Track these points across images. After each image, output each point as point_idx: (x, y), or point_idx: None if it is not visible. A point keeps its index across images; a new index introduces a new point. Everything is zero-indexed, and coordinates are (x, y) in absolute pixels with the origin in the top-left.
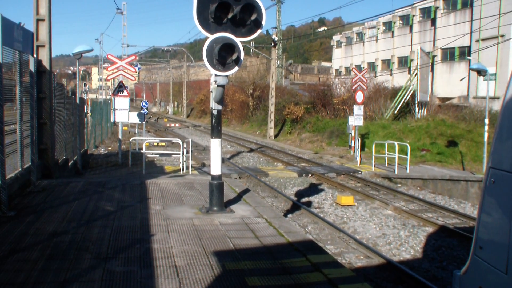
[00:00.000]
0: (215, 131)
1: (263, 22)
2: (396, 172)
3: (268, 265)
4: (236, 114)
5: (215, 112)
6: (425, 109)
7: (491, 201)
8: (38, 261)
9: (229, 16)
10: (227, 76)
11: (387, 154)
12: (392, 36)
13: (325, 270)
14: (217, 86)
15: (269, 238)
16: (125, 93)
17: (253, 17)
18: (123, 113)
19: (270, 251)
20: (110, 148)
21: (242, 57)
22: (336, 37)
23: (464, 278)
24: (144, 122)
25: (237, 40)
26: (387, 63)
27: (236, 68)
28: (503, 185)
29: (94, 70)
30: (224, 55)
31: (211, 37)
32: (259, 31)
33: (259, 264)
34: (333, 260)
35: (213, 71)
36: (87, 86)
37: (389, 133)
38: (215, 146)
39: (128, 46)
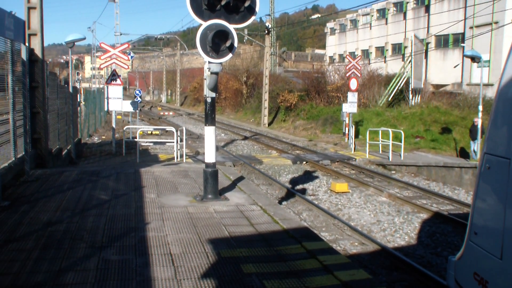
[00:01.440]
0: (209, 118)
1: (257, 9)
2: (390, 159)
3: (263, 253)
4: (230, 102)
5: (209, 100)
6: (419, 96)
7: (486, 187)
8: (33, 251)
9: (223, 2)
10: (221, 63)
11: (381, 141)
12: (386, 23)
13: (320, 257)
14: (211, 73)
15: (264, 225)
16: (118, 81)
17: (247, 3)
18: (117, 101)
19: (265, 238)
20: (103, 137)
21: (236, 44)
22: (329, 24)
23: (459, 264)
24: (137, 111)
25: (231, 27)
26: (381, 50)
27: (230, 55)
28: (498, 170)
29: (87, 59)
30: (217, 42)
31: (205, 24)
32: (253, 17)
33: (255, 252)
34: (328, 247)
35: (206, 59)
36: (80, 75)
37: (383, 120)
38: (209, 134)
39: (121, 34)
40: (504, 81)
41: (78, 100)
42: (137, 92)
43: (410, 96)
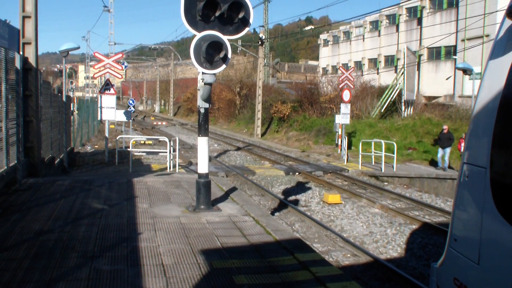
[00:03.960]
0: (203, 129)
1: (251, 20)
2: (383, 170)
3: (255, 264)
4: (223, 113)
5: (202, 110)
6: (412, 107)
7: (464, 195)
8: (24, 260)
9: (217, 14)
10: (214, 74)
11: (374, 152)
12: (379, 35)
13: (313, 268)
14: (205, 84)
15: (256, 236)
16: (112, 91)
17: (241, 15)
18: (110, 111)
19: (257, 249)
20: (96, 146)
21: (229, 55)
22: (323, 36)
23: (441, 270)
24: (131, 120)
25: (225, 38)
26: (373, 62)
27: (224, 66)
28: (475, 179)
29: (81, 68)
30: (211, 53)
31: (199, 35)
32: (247, 29)
33: (247, 263)
34: (320, 258)
35: (200, 69)
36: (74, 84)
37: (376, 131)
38: (202, 144)
39: (115, 44)
40: (482, 94)
41: (72, 109)
42: (131, 101)
43: (403, 107)
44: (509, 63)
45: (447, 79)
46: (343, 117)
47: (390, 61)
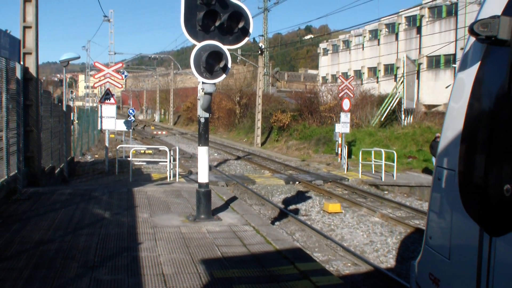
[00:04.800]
0: (203, 139)
1: (251, 30)
2: (383, 179)
3: (256, 273)
4: (223, 122)
5: (202, 120)
6: (411, 116)
7: (437, 196)
8: (24, 270)
9: (217, 24)
10: (214, 83)
11: (374, 161)
12: (378, 44)
13: (313, 277)
14: (205, 93)
15: (257, 246)
16: (112, 100)
17: (241, 25)
18: (110, 120)
19: (258, 259)
20: (96, 156)
21: (229, 65)
22: (322, 45)
23: (419, 266)
24: (131, 130)
25: (225, 48)
26: (373, 71)
27: (224, 75)
28: (446, 181)
29: (81, 77)
30: (211, 63)
31: (199, 45)
32: (247, 39)
33: (247, 272)
34: (321, 267)
35: (200, 79)
36: (74, 93)
37: (376, 140)
38: (203, 154)
39: (115, 53)
40: (451, 103)
41: (72, 118)
42: (131, 111)
43: (403, 116)
44: (473, 75)
45: (446, 87)
46: (343, 126)
47: (390, 69)
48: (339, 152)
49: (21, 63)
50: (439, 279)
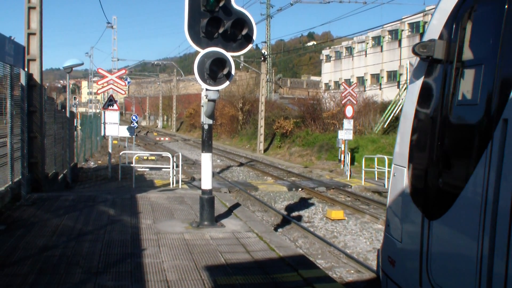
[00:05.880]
0: (206, 145)
1: (254, 37)
2: (386, 186)
3: (259, 280)
4: (226, 128)
5: (206, 127)
6: None
7: (393, 190)
8: (28, 276)
9: (220, 31)
10: (218, 90)
11: (377, 168)
12: (381, 51)
13: (317, 285)
14: (208, 100)
15: (260, 252)
16: (115, 107)
17: (244, 32)
18: (113, 126)
19: (261, 266)
20: (99, 162)
21: (233, 72)
22: (325, 52)
23: (382, 253)
24: (134, 136)
25: (228, 55)
26: (376, 78)
27: (227, 82)
28: (399, 176)
29: (84, 83)
30: (215, 70)
31: (202, 52)
32: (250, 45)
33: (251, 279)
34: (324, 275)
35: (204, 86)
36: (77, 99)
37: (379, 147)
38: (206, 160)
39: (118, 60)
40: (403, 111)
41: (75, 124)
42: (134, 117)
43: None
44: (419, 86)
45: None
46: (346, 133)
47: (393, 76)
48: (342, 159)
49: (26, 69)
50: (395, 260)
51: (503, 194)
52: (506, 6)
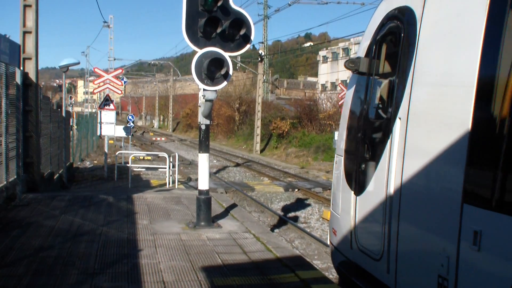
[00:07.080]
0: (203, 145)
1: (252, 37)
2: None
3: (256, 281)
4: (222, 129)
5: (203, 127)
6: None
7: (335, 175)
8: (23, 277)
9: (218, 31)
10: (215, 91)
11: None
12: None
13: (314, 286)
14: (206, 100)
15: (257, 253)
16: (111, 106)
17: (242, 32)
18: (109, 126)
19: (258, 266)
20: (95, 162)
21: (231, 72)
22: (322, 53)
23: (329, 227)
24: (130, 136)
25: (226, 55)
26: None
27: (225, 83)
28: (338, 164)
29: (80, 83)
30: (213, 70)
31: (200, 52)
32: (248, 46)
33: (248, 280)
34: (321, 275)
35: (201, 86)
36: (73, 99)
37: None
38: (203, 161)
39: (114, 59)
40: (342, 112)
41: (71, 124)
42: (130, 117)
43: None
44: (351, 93)
45: None
46: None
47: None
48: None
49: (21, 68)
50: (336, 230)
51: (397, 174)
52: (402, 35)
